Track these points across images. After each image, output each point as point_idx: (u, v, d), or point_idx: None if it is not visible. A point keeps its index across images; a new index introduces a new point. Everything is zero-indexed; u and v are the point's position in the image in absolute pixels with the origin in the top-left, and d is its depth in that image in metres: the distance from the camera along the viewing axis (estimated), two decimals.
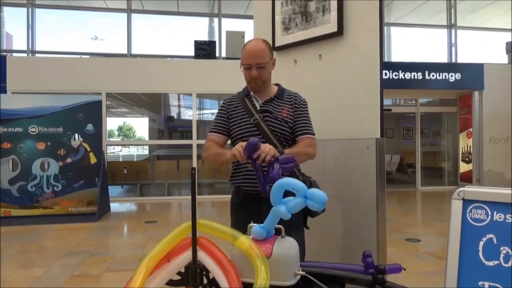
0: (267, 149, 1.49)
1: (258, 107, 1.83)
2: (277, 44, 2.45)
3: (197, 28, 11.87)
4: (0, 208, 6.22)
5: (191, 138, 8.78)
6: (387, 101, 10.48)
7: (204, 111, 13.38)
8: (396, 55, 11.59)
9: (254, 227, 1.19)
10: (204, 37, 11.23)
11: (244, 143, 1.51)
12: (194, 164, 8.64)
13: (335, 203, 2.14)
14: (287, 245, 1.16)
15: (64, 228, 5.75)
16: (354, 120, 2.13)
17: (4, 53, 9.65)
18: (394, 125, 13.05)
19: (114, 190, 9.21)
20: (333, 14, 2.16)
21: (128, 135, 32.44)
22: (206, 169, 9.72)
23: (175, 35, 11.75)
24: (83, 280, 3.56)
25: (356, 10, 2.14)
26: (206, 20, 11.82)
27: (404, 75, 9.39)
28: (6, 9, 10.90)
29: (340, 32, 2.14)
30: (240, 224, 1.71)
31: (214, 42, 9.48)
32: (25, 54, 9.65)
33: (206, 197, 8.88)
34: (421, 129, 10.53)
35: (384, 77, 2.18)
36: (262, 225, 1.18)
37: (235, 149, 1.55)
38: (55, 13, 10.92)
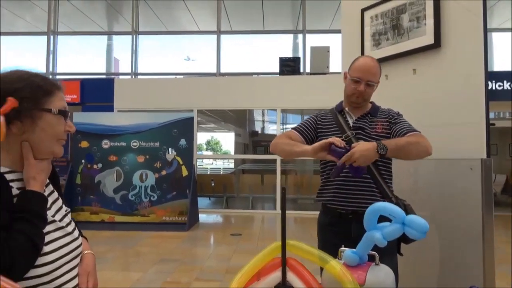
0: (354, 157, 1.48)
1: (351, 124, 1.79)
2: None
3: (282, 45, 12.12)
4: (104, 214, 6.96)
5: None
6: (490, 115, 9.44)
7: (287, 126, 13.48)
8: (499, 64, 10.44)
9: (346, 251, 1.14)
10: (289, 54, 11.41)
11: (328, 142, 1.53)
12: (278, 179, 8.71)
13: (432, 228, 1.96)
14: (381, 273, 1.10)
15: (158, 235, 6.19)
16: (454, 139, 1.95)
17: (113, 76, 10.91)
18: (498, 141, 11.72)
19: (202, 202, 9.69)
20: (429, 25, 2.03)
21: (215, 148, 34.07)
22: (290, 184, 9.74)
23: (261, 52, 12.14)
24: (174, 287, 3.78)
25: (454, 19, 1.99)
26: (290, 37, 12.02)
27: (510, 85, 8.42)
28: (114, 37, 12.37)
29: (437, 44, 2.00)
30: (327, 245, 1.67)
31: (299, 58, 9.56)
32: (129, 76, 10.77)
33: (289, 213, 8.86)
34: None
35: None
36: (354, 250, 1.13)
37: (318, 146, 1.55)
38: (154, 38, 12.05)
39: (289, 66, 9.12)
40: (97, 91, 9.13)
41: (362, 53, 2.40)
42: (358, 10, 2.43)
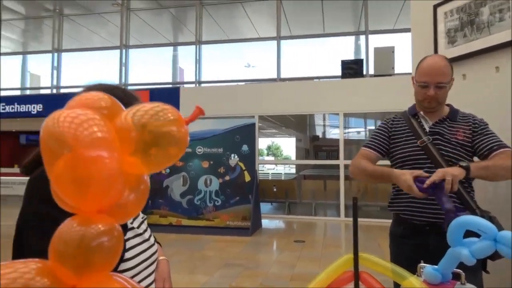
0: (451, 180, 1.35)
1: (427, 129, 1.64)
2: None
3: (344, 47, 11.86)
4: (171, 217, 7.28)
5: (337, 158, 8.67)
6: None
7: (350, 130, 13.12)
8: None
9: (426, 268, 1.05)
10: (351, 56, 11.12)
11: (412, 174, 1.42)
12: (342, 185, 8.48)
13: None
14: None
15: (222, 240, 6.32)
16: None
17: (178, 85, 11.43)
18: None
19: (264, 207, 9.73)
20: None
21: (276, 154, 34.22)
22: (354, 190, 9.43)
23: (322, 56, 11.99)
24: None
25: None
26: (352, 38, 11.71)
27: None
28: (179, 48, 13.00)
29: None
30: (401, 258, 1.57)
31: (362, 60, 9.26)
32: (193, 85, 11.21)
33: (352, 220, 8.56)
34: None
35: None
36: (435, 266, 1.04)
37: (409, 182, 1.43)
38: (216, 46, 12.44)
39: (352, 68, 8.86)
40: (165, 100, 9.23)
41: (436, 52, 2.25)
42: (430, 6, 2.29)
